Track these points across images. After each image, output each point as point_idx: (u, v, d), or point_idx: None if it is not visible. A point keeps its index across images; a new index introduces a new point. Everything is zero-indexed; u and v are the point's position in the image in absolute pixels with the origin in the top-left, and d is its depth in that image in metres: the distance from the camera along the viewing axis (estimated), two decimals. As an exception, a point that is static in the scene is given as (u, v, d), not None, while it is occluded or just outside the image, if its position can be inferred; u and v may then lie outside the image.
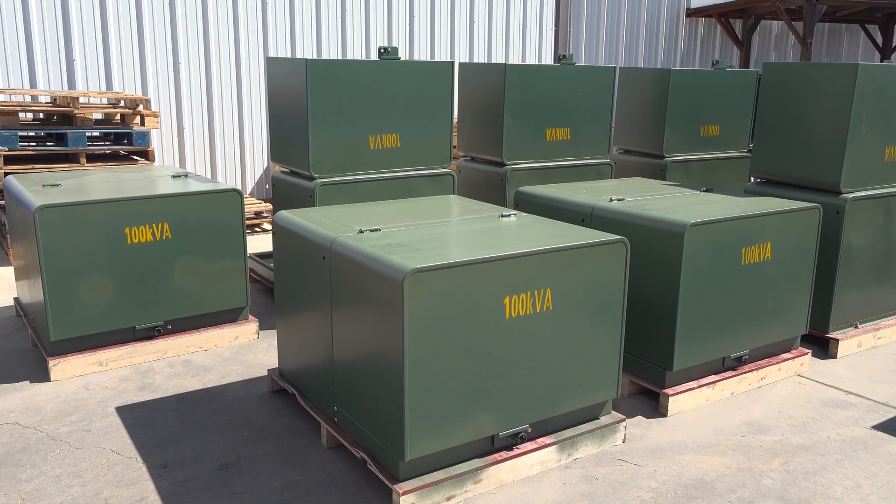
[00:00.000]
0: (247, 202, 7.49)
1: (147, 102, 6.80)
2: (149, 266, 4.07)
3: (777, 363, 3.97)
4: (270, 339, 4.48)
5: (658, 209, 3.70)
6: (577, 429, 3.23)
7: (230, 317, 4.47)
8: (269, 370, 3.80)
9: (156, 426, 3.42)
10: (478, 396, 2.86)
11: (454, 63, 4.92)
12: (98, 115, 6.99)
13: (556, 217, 3.99)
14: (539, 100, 5.30)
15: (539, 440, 3.12)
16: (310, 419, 3.47)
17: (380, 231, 3.18)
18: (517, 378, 2.96)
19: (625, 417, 3.37)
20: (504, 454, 3.01)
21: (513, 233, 3.20)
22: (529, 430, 3.07)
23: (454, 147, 6.27)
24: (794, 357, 4.05)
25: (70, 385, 3.84)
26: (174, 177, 4.67)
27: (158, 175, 4.78)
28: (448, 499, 2.85)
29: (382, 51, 4.63)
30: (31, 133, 6.65)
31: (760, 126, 4.54)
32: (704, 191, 4.30)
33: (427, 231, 3.20)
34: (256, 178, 8.50)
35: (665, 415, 3.58)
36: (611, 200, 3.94)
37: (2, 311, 4.93)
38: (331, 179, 4.53)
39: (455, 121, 6.78)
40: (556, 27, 9.55)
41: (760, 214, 3.68)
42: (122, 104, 6.86)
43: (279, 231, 3.52)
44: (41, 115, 6.90)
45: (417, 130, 4.76)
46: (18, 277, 4.60)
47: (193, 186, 4.31)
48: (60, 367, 3.90)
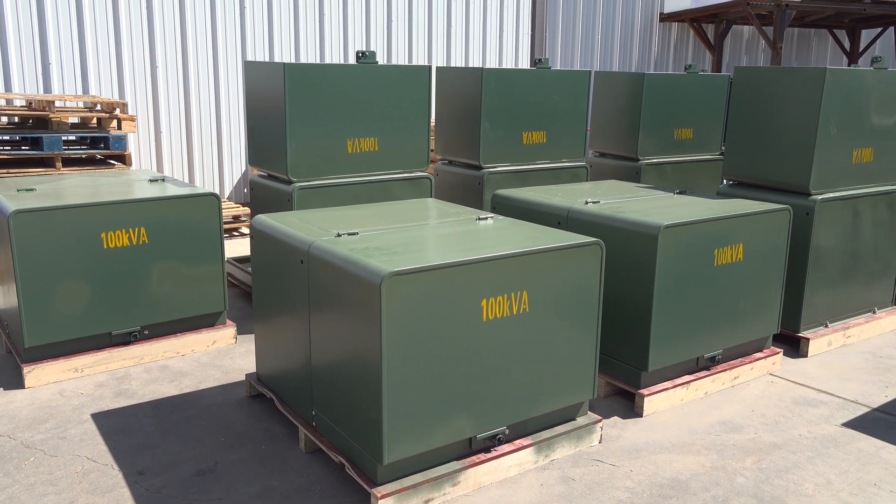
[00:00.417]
0: (225, 206, 7.46)
1: (124, 106, 6.75)
2: (125, 271, 4.05)
3: (750, 362, 4.03)
4: (248, 344, 4.47)
5: (632, 211, 3.75)
6: (554, 430, 3.26)
7: (208, 321, 4.45)
8: (247, 375, 3.79)
9: (132, 433, 3.40)
10: (455, 399, 2.88)
11: (431, 67, 4.94)
12: (74, 119, 6.92)
13: (533, 220, 4.02)
14: (515, 103, 5.34)
15: (516, 442, 3.14)
16: (288, 424, 3.47)
17: (357, 234, 3.19)
18: (495, 380, 2.99)
19: (601, 418, 3.41)
20: (482, 456, 3.03)
21: (489, 236, 3.23)
22: (507, 432, 3.09)
23: (432, 150, 6.29)
24: (767, 356, 4.12)
25: (45, 392, 3.80)
26: (151, 181, 4.65)
27: (135, 179, 4.75)
28: (426, 502, 2.87)
29: (360, 55, 4.64)
30: (6, 137, 6.57)
31: (732, 129, 4.61)
32: (678, 193, 4.36)
33: (404, 234, 3.22)
34: (234, 182, 8.46)
35: (640, 415, 3.63)
36: (586, 203, 3.98)
37: (-25, 318, 4.87)
38: (309, 183, 4.53)
39: (432, 124, 6.81)
40: (533, 31, 9.61)
41: (732, 216, 3.74)
42: (99, 108, 6.81)
43: (257, 235, 3.52)
44: (16, 119, 6.82)
45: (395, 134, 4.78)
46: (-9, 284, 4.55)
47: (170, 190, 4.29)
48: (35, 374, 3.86)
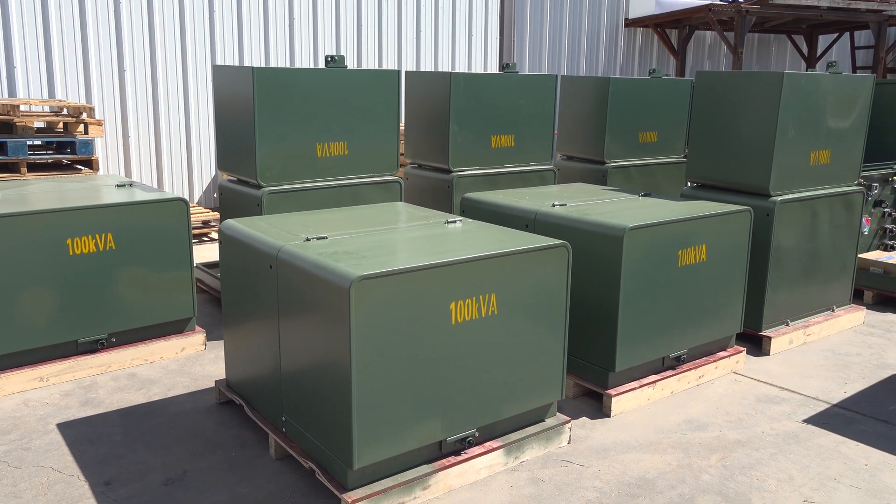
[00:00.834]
0: (194, 211, 7.40)
1: (91, 110, 6.67)
2: (91, 278, 4.00)
3: (714, 361, 4.11)
4: (218, 350, 4.45)
5: (598, 214, 3.81)
6: (524, 431, 3.30)
7: (176, 328, 4.42)
8: (217, 381, 3.77)
9: (99, 442, 3.36)
10: (425, 402, 2.90)
11: (400, 71, 4.96)
12: (40, 124, 6.81)
13: (501, 223, 4.06)
14: (484, 107, 5.39)
15: (486, 444, 3.17)
16: (258, 430, 3.46)
17: (327, 239, 3.20)
18: (464, 383, 3.02)
19: (570, 419, 3.45)
20: (452, 459, 3.05)
21: (458, 239, 3.26)
22: (477, 435, 3.12)
23: (401, 154, 6.31)
24: (730, 355, 4.21)
25: (9, 402, 3.74)
26: (118, 186, 4.60)
27: (102, 184, 4.70)
28: (397, 504, 2.88)
29: (329, 59, 4.65)
30: (-33, 143, 6.44)
31: (694, 132, 4.71)
32: (642, 195, 4.43)
33: (373, 238, 3.24)
34: (204, 187, 8.39)
35: (608, 415, 3.68)
36: (553, 206, 4.03)
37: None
38: (278, 188, 4.52)
39: (402, 128, 6.82)
40: (501, 36, 9.69)
41: (695, 218, 3.82)
42: (65, 112, 6.71)
43: (225, 240, 3.51)
44: (-23, 125, 6.69)
45: (365, 138, 4.79)
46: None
47: (138, 196, 4.26)
48: (-2, 384, 3.80)
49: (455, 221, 3.60)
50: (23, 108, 7.00)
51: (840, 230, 4.83)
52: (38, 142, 6.62)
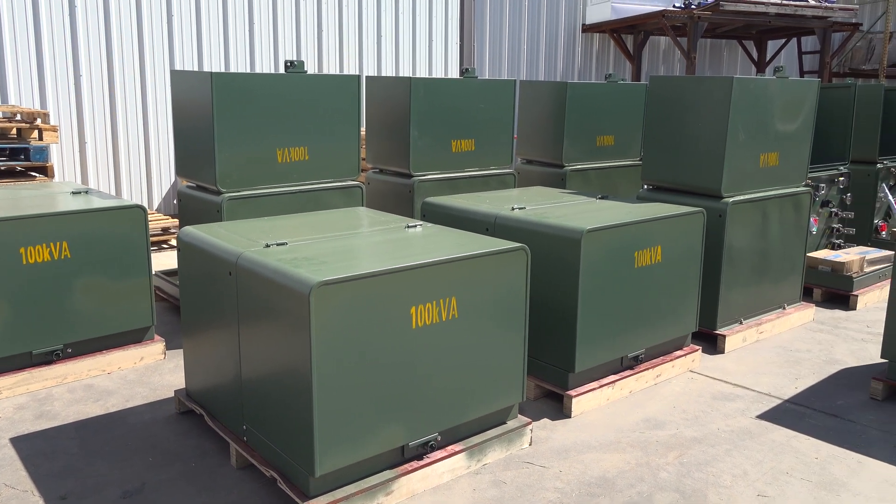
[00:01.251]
0: (153, 218, 7.29)
1: (45, 116, 6.52)
2: (46, 287, 3.92)
3: (671, 360, 4.20)
4: (178, 359, 4.39)
5: (557, 217, 3.87)
6: (485, 434, 3.33)
7: (135, 337, 4.35)
8: (176, 391, 3.73)
9: (54, 456, 3.30)
10: (387, 407, 2.92)
11: (361, 76, 4.97)
12: (-11, 131, 6.64)
13: (462, 227, 4.09)
14: (444, 112, 5.42)
15: (449, 448, 3.19)
16: (219, 440, 3.43)
17: (286, 245, 3.19)
18: (425, 387, 3.04)
19: (531, 420, 3.50)
20: (414, 464, 3.07)
21: (418, 243, 3.28)
22: (439, 439, 3.14)
23: (363, 159, 6.30)
24: (686, 354, 4.30)
25: (-40, 416, 3.65)
26: (74, 193, 4.52)
27: (57, 192, 4.61)
28: (360, 509, 2.89)
29: (289, 64, 4.64)
30: (-86, 150, 6.27)
31: (648, 136, 4.81)
32: (600, 198, 4.51)
33: (334, 244, 3.24)
34: (164, 194, 8.27)
35: (569, 416, 3.74)
36: (513, 209, 4.08)
37: None
38: (238, 194, 4.49)
39: (363, 133, 6.81)
40: (461, 42, 9.75)
41: (651, 219, 3.90)
42: (19, 118, 6.55)
43: (184, 247, 3.48)
44: (-77, 131, 6.50)
45: (325, 143, 4.78)
46: None
47: (94, 203, 4.19)
48: (-51, 398, 3.70)
49: (415, 226, 3.62)
50: (-28, 115, 6.82)
51: (789, 230, 4.97)
52: (-10, 149, 6.46)
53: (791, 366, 4.46)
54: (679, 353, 4.29)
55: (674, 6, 10.47)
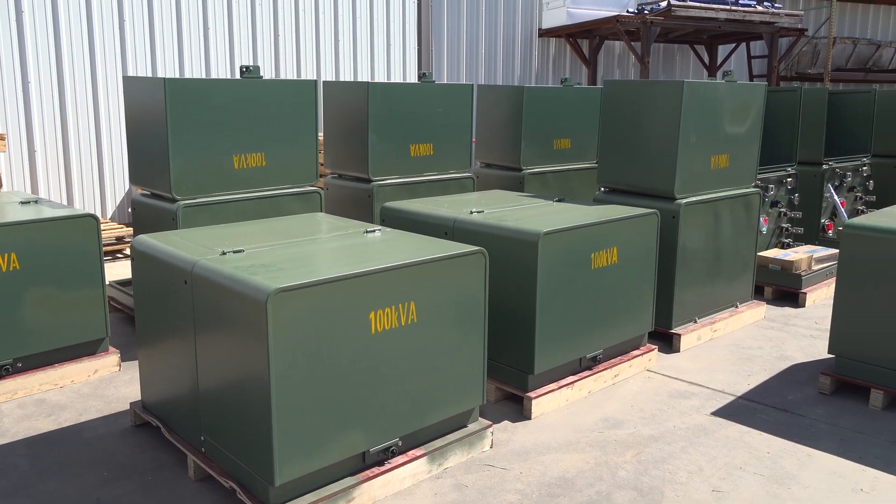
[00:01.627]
0: (107, 227, 7.14)
1: (-12, 124, 6.35)
2: (-7, 300, 3.82)
3: (628, 360, 4.27)
4: (133, 371, 4.31)
5: (514, 220, 3.91)
6: (446, 438, 3.34)
7: (89, 349, 4.26)
8: (132, 403, 3.66)
9: (5, 474, 3.21)
10: (347, 414, 2.91)
11: (318, 81, 4.95)
12: (-70, 139, 6.44)
13: (421, 231, 4.10)
14: (402, 117, 5.43)
15: (410, 453, 3.20)
16: (176, 452, 3.38)
17: (243, 252, 3.17)
18: (386, 392, 3.04)
19: (491, 423, 3.52)
20: (376, 470, 3.06)
21: (377, 248, 3.28)
22: (400, 444, 3.14)
23: (321, 164, 6.28)
24: (643, 353, 4.38)
25: None
26: (23, 203, 4.41)
27: (6, 202, 4.49)
28: (321, 517, 2.87)
29: (244, 69, 4.60)
30: None
31: (603, 139, 4.89)
32: (557, 201, 4.57)
33: (291, 250, 3.22)
34: (118, 202, 8.11)
35: (529, 417, 3.77)
36: (471, 213, 4.11)
37: None
38: (194, 201, 4.43)
39: (321, 138, 6.78)
40: (419, 46, 9.78)
41: (606, 221, 3.97)
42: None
43: (138, 256, 3.42)
44: None
45: (283, 149, 4.75)
46: None
47: (44, 213, 4.09)
48: None
49: (374, 231, 3.62)
50: (-86, 122, 6.61)
51: (740, 230, 5.10)
52: (-68, 157, 6.26)
53: (744, 363, 4.57)
54: (636, 353, 4.36)
55: (627, 11, 10.65)
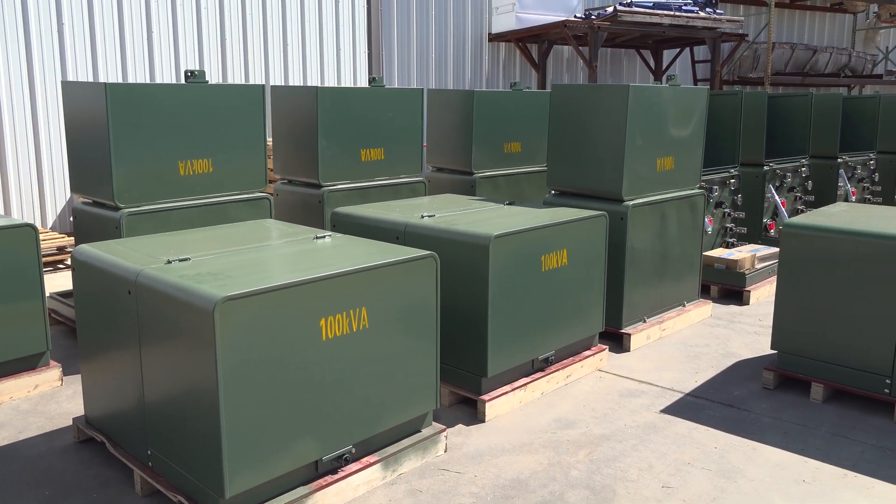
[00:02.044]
0: (47, 237, 6.92)
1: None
2: (-76, 315, 3.66)
3: (580, 360, 4.33)
4: (76, 385, 4.18)
5: (465, 223, 3.92)
6: (400, 444, 3.33)
7: (29, 364, 4.11)
8: (75, 419, 3.55)
9: (-61, 493, 3.08)
10: (299, 422, 2.87)
11: (265, 86, 4.89)
12: None
13: (372, 236, 4.08)
14: (352, 121, 5.40)
15: (363, 459, 3.17)
16: (122, 467, 3.28)
17: (189, 260, 3.10)
18: (338, 399, 3.01)
19: (445, 427, 3.52)
20: (329, 478, 3.03)
21: (327, 254, 3.26)
22: (353, 451, 3.12)
23: (270, 170, 6.20)
24: (594, 353, 4.44)
25: None
26: (-48, 214, 4.24)
27: (-67, 213, 4.31)
28: (273, 528, 2.83)
29: (189, 74, 4.52)
30: None
31: (552, 142, 4.94)
32: (507, 204, 4.60)
33: (239, 257, 3.17)
34: (58, 211, 7.87)
35: (483, 420, 3.78)
36: (422, 217, 4.11)
37: None
38: (139, 209, 4.33)
39: (270, 144, 6.70)
40: (370, 50, 9.75)
41: (556, 224, 4.01)
42: None
43: (79, 267, 3.33)
44: None
45: (230, 155, 4.68)
46: None
47: (-24, 224, 3.94)
48: None
49: (324, 237, 3.59)
50: None
51: (686, 230, 5.21)
52: None
53: (692, 360, 4.67)
54: (588, 353, 4.41)
55: (575, 16, 10.81)
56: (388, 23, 10.09)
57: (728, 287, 6.01)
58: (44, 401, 4.00)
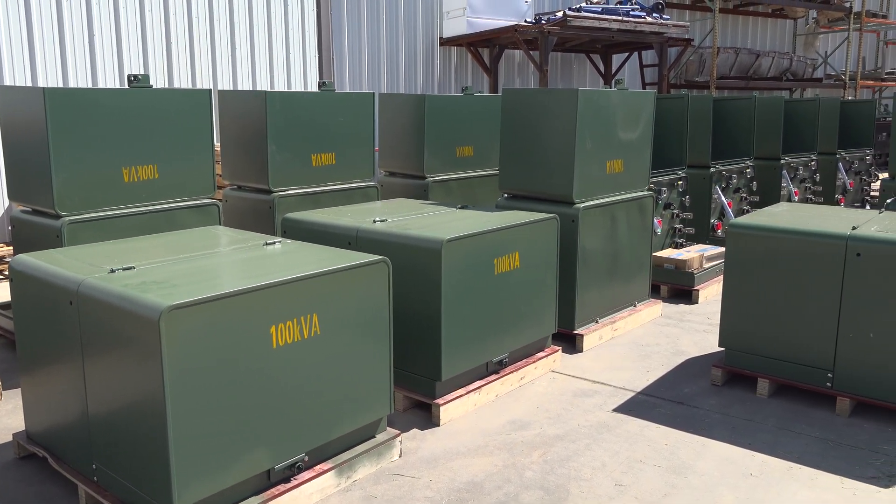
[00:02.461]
0: (-17, 246, 6.68)
1: None
2: None
3: (533, 362, 4.36)
4: (16, 400, 4.03)
5: (418, 228, 3.91)
6: (354, 450, 3.30)
7: (-36, 378, 3.96)
8: (15, 434, 3.42)
9: None
10: (249, 431, 2.82)
11: (212, 90, 4.80)
12: None
13: (324, 241, 4.04)
14: (302, 126, 5.35)
15: (317, 467, 3.14)
16: (65, 483, 3.18)
17: (134, 269, 3.03)
18: (290, 407, 2.97)
19: (400, 432, 3.50)
20: (282, 487, 2.99)
21: (277, 261, 3.21)
22: (306, 459, 3.08)
23: (219, 176, 6.10)
24: (548, 355, 4.48)
25: None
26: None
27: None
28: (224, 540, 2.77)
29: (132, 78, 4.42)
30: None
31: (503, 146, 4.97)
32: (460, 208, 4.61)
33: (187, 265, 3.11)
34: (-5, 219, 7.59)
35: (438, 424, 3.78)
36: (374, 222, 4.09)
37: None
38: (81, 217, 4.21)
39: (218, 149, 6.59)
40: (320, 54, 9.67)
41: (508, 227, 4.03)
42: None
43: (17, 277, 3.22)
44: None
45: (177, 160, 4.58)
46: None
47: None
48: None
49: (274, 243, 3.54)
50: None
51: (636, 232, 5.30)
52: None
53: (643, 359, 4.74)
54: (541, 355, 4.45)
55: (526, 21, 10.91)
56: (339, 27, 10.03)
57: (678, 287, 6.13)
58: (-18, 417, 3.85)
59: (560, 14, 10.58)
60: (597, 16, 10.71)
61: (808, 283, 3.92)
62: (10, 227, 4.53)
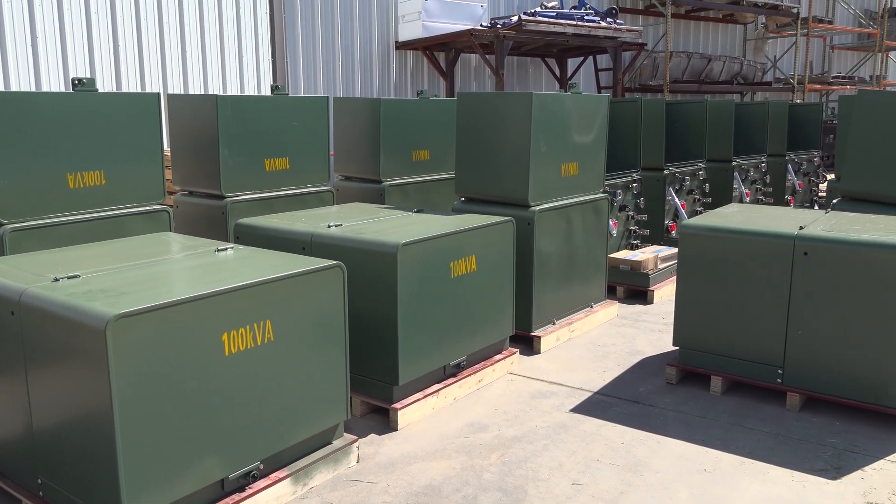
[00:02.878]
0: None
1: None
2: None
3: (491, 364, 4.36)
4: (-43, 413, 3.88)
5: (373, 232, 3.89)
6: (311, 457, 3.26)
7: None
8: (-46, 449, 3.29)
9: None
10: (202, 440, 2.77)
11: (160, 94, 4.70)
12: None
13: (278, 247, 3.99)
14: (255, 131, 5.27)
15: (272, 475, 3.09)
16: (8, 498, 3.06)
17: (79, 277, 2.95)
18: (243, 415, 2.92)
19: (357, 438, 3.47)
20: (237, 496, 2.94)
21: (228, 267, 3.16)
22: (261, 467, 3.03)
23: (169, 181, 5.97)
24: (505, 357, 4.49)
25: None
26: None
27: None
28: (176, 554, 2.71)
29: (77, 82, 4.30)
30: None
31: (459, 150, 4.98)
32: (416, 212, 4.60)
33: (134, 273, 3.03)
34: (-65, 228, 7.31)
35: (396, 428, 3.75)
36: (329, 227, 4.05)
37: None
38: (23, 224, 4.07)
39: (168, 154, 6.46)
40: (273, 58, 9.57)
41: (464, 230, 4.03)
42: None
43: (-45, 288, 3.09)
44: None
45: (124, 166, 4.47)
46: None
47: None
48: None
49: (226, 249, 3.48)
50: None
51: (592, 234, 5.36)
52: None
53: (600, 360, 4.79)
54: (499, 357, 4.46)
55: (481, 25, 10.96)
56: (293, 30, 9.94)
57: (633, 287, 6.21)
58: (-81, 434, 3.69)
59: (515, 18, 10.65)
60: (551, 20, 10.82)
61: (759, 282, 4.01)
62: (-50, 236, 4.37)
